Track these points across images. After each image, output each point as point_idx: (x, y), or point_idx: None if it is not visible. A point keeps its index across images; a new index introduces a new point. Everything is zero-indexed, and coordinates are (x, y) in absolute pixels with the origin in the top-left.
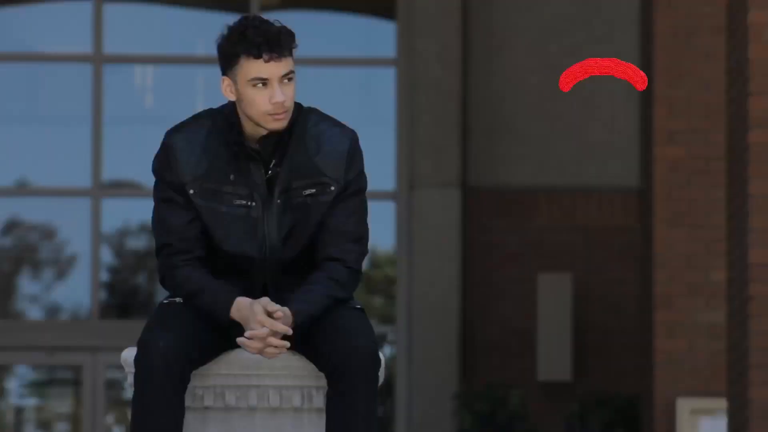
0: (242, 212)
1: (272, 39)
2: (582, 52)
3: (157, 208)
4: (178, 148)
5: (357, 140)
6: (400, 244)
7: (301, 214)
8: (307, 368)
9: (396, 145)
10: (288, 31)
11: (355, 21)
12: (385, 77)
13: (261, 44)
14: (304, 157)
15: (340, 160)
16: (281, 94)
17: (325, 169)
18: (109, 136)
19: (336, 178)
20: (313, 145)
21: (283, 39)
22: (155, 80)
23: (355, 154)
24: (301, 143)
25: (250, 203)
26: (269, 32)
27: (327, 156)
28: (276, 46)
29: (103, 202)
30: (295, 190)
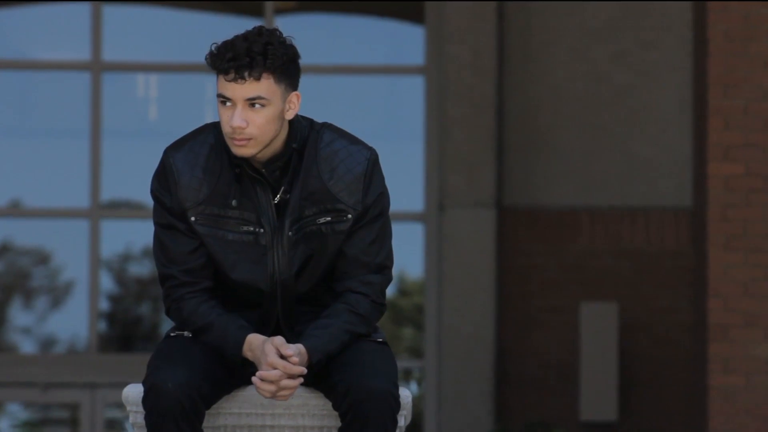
0: (250, 239)
1: (239, 57)
2: (628, 59)
3: (158, 233)
4: (177, 170)
5: (376, 160)
6: (429, 269)
7: (316, 245)
8: (326, 407)
9: (424, 160)
10: (272, 52)
11: (379, 25)
12: (412, 86)
13: (228, 60)
14: (316, 182)
15: (356, 184)
16: (239, 119)
17: (340, 195)
18: (108, 152)
19: (352, 204)
20: (327, 168)
21: (255, 60)
22: (159, 90)
23: (373, 175)
24: (313, 166)
25: (258, 229)
26: (240, 49)
27: (342, 180)
28: (241, 67)
29: (102, 224)
30: (308, 218)
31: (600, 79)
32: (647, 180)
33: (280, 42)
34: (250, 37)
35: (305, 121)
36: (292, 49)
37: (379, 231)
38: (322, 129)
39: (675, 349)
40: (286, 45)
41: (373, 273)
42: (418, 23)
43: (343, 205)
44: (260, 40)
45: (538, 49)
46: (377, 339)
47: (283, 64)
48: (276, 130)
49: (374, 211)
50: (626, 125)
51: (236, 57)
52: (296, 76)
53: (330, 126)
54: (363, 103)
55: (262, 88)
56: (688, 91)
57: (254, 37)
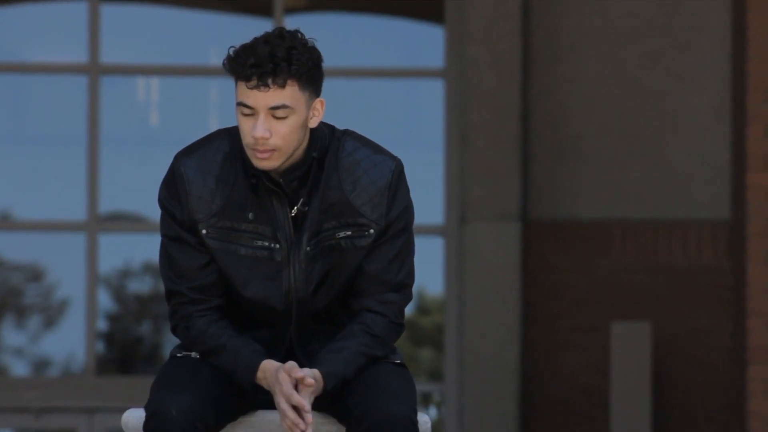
0: (264, 254)
1: (262, 63)
2: (662, 61)
3: (165, 246)
4: (188, 179)
5: (401, 170)
6: (450, 286)
7: (335, 260)
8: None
9: (444, 170)
10: (297, 57)
11: (394, 25)
12: (431, 91)
13: (249, 66)
14: (337, 193)
15: (379, 197)
16: (261, 129)
17: (362, 208)
18: (107, 160)
19: (375, 218)
20: (348, 179)
21: (279, 66)
22: (161, 95)
23: (398, 188)
24: (333, 176)
25: (273, 245)
26: (262, 54)
27: (364, 192)
28: (264, 74)
29: (100, 238)
30: (327, 232)
31: (631, 82)
32: (682, 191)
33: (304, 45)
34: (272, 40)
35: (326, 128)
36: (316, 53)
37: (401, 247)
38: (344, 137)
39: (712, 372)
40: (310, 49)
41: (392, 291)
42: (437, 23)
43: (365, 219)
44: (283, 43)
45: (565, 51)
46: (395, 360)
47: (308, 70)
48: (300, 139)
49: (398, 225)
50: (659, 132)
51: (259, 63)
52: (320, 81)
53: (352, 133)
54: (377, 109)
55: (287, 96)
56: (726, 96)
57: (276, 41)
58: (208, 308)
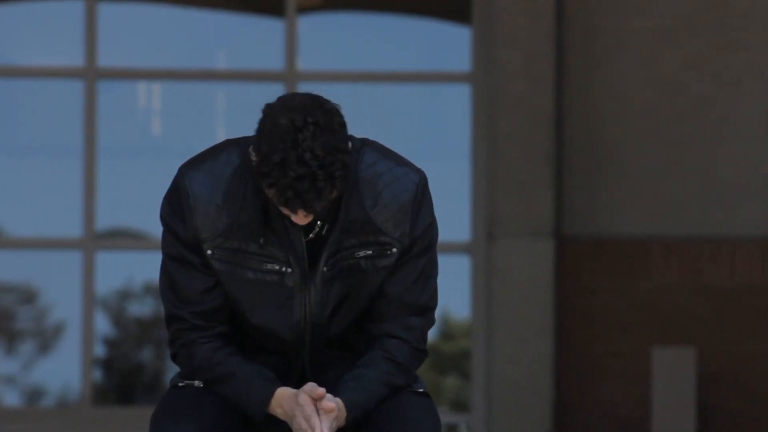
0: (274, 279)
1: (306, 198)
2: (707, 64)
3: (167, 267)
4: (194, 194)
5: (425, 184)
6: (477, 309)
7: (354, 282)
8: None
9: (471, 182)
10: (340, 174)
11: (417, 25)
12: (457, 96)
13: (289, 200)
14: (357, 209)
15: (402, 213)
16: (303, 220)
17: (384, 226)
18: (104, 172)
19: (398, 236)
20: (369, 194)
21: (323, 194)
22: (164, 101)
23: (423, 203)
24: (354, 191)
25: (284, 269)
26: (303, 188)
27: (386, 208)
28: (310, 208)
29: (98, 256)
30: (346, 251)
31: (674, 87)
32: (730, 205)
33: (340, 150)
34: (308, 159)
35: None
36: (345, 142)
37: (424, 267)
38: (363, 147)
39: (762, 401)
40: (346, 149)
41: (415, 315)
42: (463, 22)
43: (388, 238)
44: (321, 158)
45: (602, 53)
46: (417, 389)
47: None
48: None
49: (421, 244)
50: (705, 141)
51: (303, 200)
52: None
53: (372, 143)
54: (398, 117)
55: (332, 200)
56: None
57: (312, 160)
58: (213, 335)
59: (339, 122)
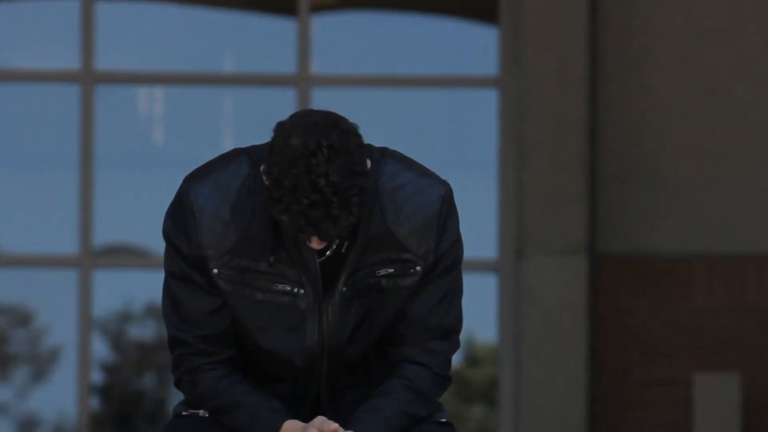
0: (286, 301)
1: (321, 227)
2: (754, 67)
3: (170, 286)
4: (199, 208)
5: (450, 197)
6: (505, 332)
7: (374, 302)
8: None
9: (498, 195)
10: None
11: (440, 25)
12: (482, 102)
13: (302, 228)
14: (378, 224)
15: (427, 229)
16: (318, 246)
17: (407, 242)
18: (102, 185)
19: (422, 253)
20: (391, 207)
21: (340, 221)
22: (166, 107)
23: (448, 218)
24: (374, 204)
25: (296, 290)
26: (317, 216)
27: (409, 222)
28: (326, 236)
29: (95, 275)
30: (367, 268)
31: (717, 92)
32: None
33: (357, 173)
34: (322, 185)
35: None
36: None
37: (449, 287)
38: (384, 158)
39: None
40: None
41: (438, 339)
42: (490, 22)
43: (411, 255)
44: (336, 184)
45: (640, 55)
46: (440, 419)
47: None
48: None
49: (446, 262)
50: (751, 150)
51: (317, 228)
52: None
53: (392, 153)
54: (419, 124)
55: (349, 227)
56: None
57: (327, 186)
58: (218, 361)
59: (356, 143)
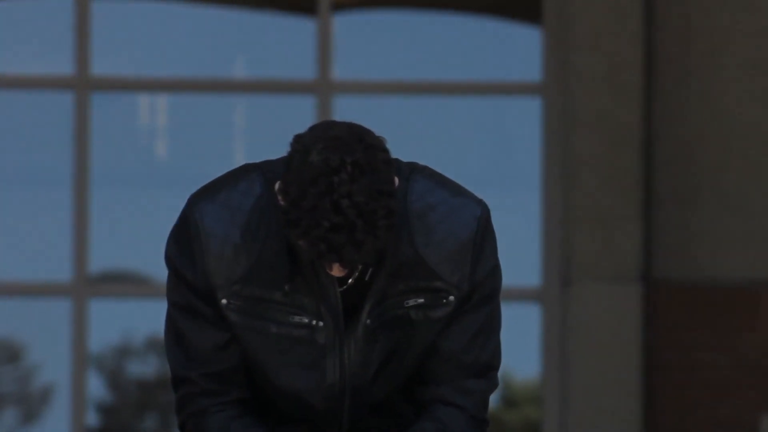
0: (303, 334)
1: (343, 253)
2: None
3: (173, 318)
4: (206, 231)
5: (487, 218)
6: (549, 369)
7: (402, 336)
8: None
9: (543, 217)
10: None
11: (477, 26)
12: (524, 112)
13: (322, 254)
14: (407, 249)
15: (461, 254)
16: (340, 273)
17: (439, 269)
18: (99, 204)
19: (456, 282)
20: (420, 230)
21: (365, 248)
22: (170, 117)
23: (485, 241)
24: (403, 227)
25: (315, 322)
26: (345, 246)
27: (441, 246)
28: (350, 263)
29: (91, 305)
30: (394, 298)
31: None
32: None
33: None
34: (345, 207)
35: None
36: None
37: (486, 319)
38: (413, 174)
39: None
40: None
41: (474, 377)
42: (533, 22)
43: (443, 283)
44: (360, 205)
45: (701, 60)
46: None
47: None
48: None
49: (483, 291)
50: None
51: (339, 255)
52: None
53: (422, 170)
54: (453, 136)
55: (375, 256)
56: None
57: (350, 208)
58: (227, 402)
59: (383, 159)
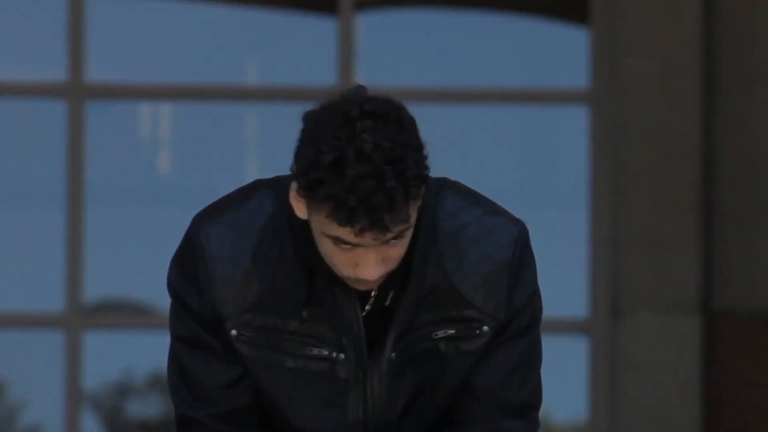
0: (322, 368)
1: (376, 208)
2: None
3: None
4: (213, 254)
5: (526, 240)
6: (597, 408)
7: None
8: None
9: (589, 239)
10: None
11: (515, 26)
12: (570, 122)
13: (352, 212)
14: (435, 273)
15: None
16: (375, 271)
17: (471, 295)
18: (94, 224)
19: (491, 310)
20: (451, 252)
21: (396, 200)
22: (173, 128)
23: (523, 266)
24: (431, 250)
25: (336, 354)
26: (374, 194)
27: (474, 271)
28: (379, 219)
29: (85, 337)
30: (421, 329)
31: None
32: None
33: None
34: (370, 152)
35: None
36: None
37: (525, 353)
38: (442, 191)
39: None
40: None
41: (512, 417)
42: (579, 22)
43: (476, 312)
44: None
45: (766, 66)
46: None
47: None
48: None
49: (521, 321)
50: None
51: (370, 209)
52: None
53: (452, 185)
54: (488, 148)
55: (406, 220)
56: None
57: (376, 152)
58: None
59: (407, 117)
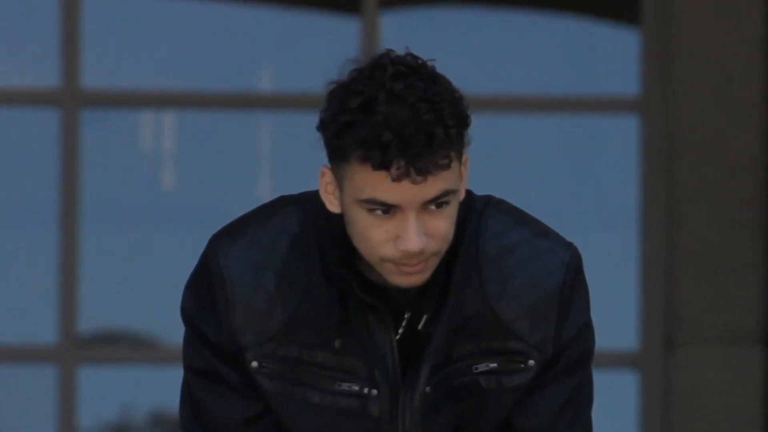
0: (352, 405)
1: (413, 141)
2: None
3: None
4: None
5: (578, 266)
6: None
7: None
8: None
9: (641, 263)
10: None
11: (557, 27)
12: (619, 133)
13: (389, 146)
14: (476, 299)
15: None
16: (418, 239)
17: (516, 326)
18: (90, 245)
19: (537, 342)
20: (494, 277)
21: (436, 138)
22: (179, 138)
23: (574, 293)
24: (472, 275)
25: (368, 390)
26: (409, 126)
27: (520, 299)
28: (418, 155)
29: (81, 372)
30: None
31: None
32: None
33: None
34: (401, 90)
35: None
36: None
37: (575, 390)
38: (487, 209)
39: None
40: (457, 98)
41: None
42: (630, 23)
43: (521, 344)
44: (421, 90)
45: None
46: None
47: (464, 122)
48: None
49: (572, 355)
50: None
51: (408, 142)
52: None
53: (498, 204)
54: (529, 162)
55: (448, 177)
56: None
57: (408, 90)
58: None
59: (443, 75)
